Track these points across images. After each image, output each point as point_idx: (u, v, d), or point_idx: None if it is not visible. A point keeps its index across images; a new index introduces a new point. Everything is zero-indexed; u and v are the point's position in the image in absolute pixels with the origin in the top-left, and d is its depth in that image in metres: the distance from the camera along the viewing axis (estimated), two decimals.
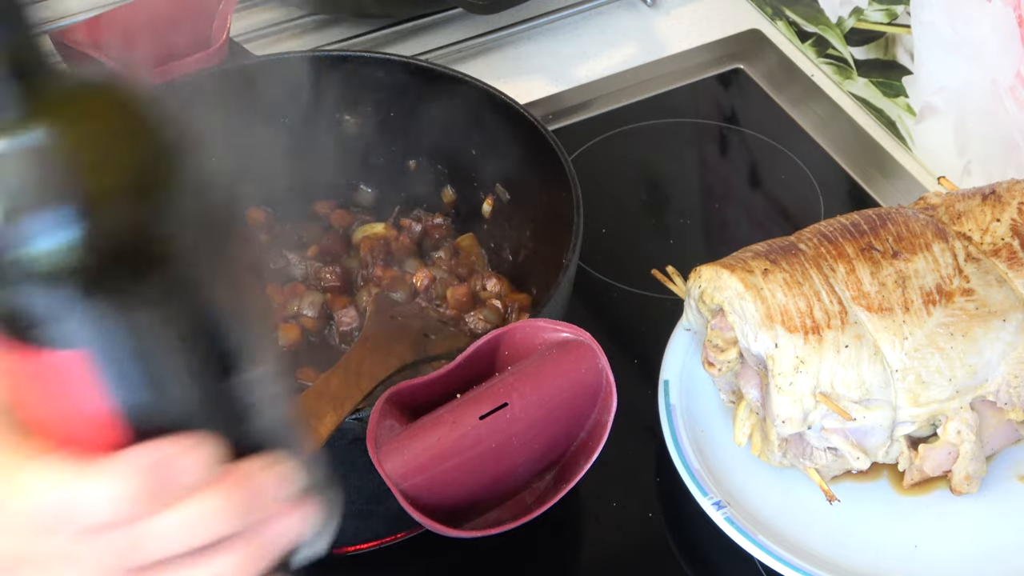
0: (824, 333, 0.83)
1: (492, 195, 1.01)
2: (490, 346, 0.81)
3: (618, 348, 0.97)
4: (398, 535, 0.88)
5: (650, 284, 0.98)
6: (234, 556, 0.50)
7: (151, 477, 0.48)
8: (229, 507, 0.49)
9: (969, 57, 1.05)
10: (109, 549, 0.48)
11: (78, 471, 0.48)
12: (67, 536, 0.49)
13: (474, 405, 0.78)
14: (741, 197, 1.14)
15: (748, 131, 1.18)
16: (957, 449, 0.85)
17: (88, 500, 0.48)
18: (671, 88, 1.21)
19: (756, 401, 0.87)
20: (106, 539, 0.48)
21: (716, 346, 0.87)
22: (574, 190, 0.89)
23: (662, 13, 1.28)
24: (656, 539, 0.90)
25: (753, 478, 0.89)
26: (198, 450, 0.49)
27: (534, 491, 0.84)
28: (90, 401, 0.48)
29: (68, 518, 0.48)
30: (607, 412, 0.82)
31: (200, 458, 0.49)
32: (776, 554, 0.84)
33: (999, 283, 0.86)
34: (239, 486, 0.50)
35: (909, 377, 0.84)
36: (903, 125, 1.15)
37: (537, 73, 1.23)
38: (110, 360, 0.47)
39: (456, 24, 1.24)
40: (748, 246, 0.90)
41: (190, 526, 0.49)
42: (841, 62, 1.19)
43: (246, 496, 0.50)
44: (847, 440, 0.85)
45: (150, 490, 0.48)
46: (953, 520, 0.88)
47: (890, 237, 0.87)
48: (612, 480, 0.91)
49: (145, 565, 0.49)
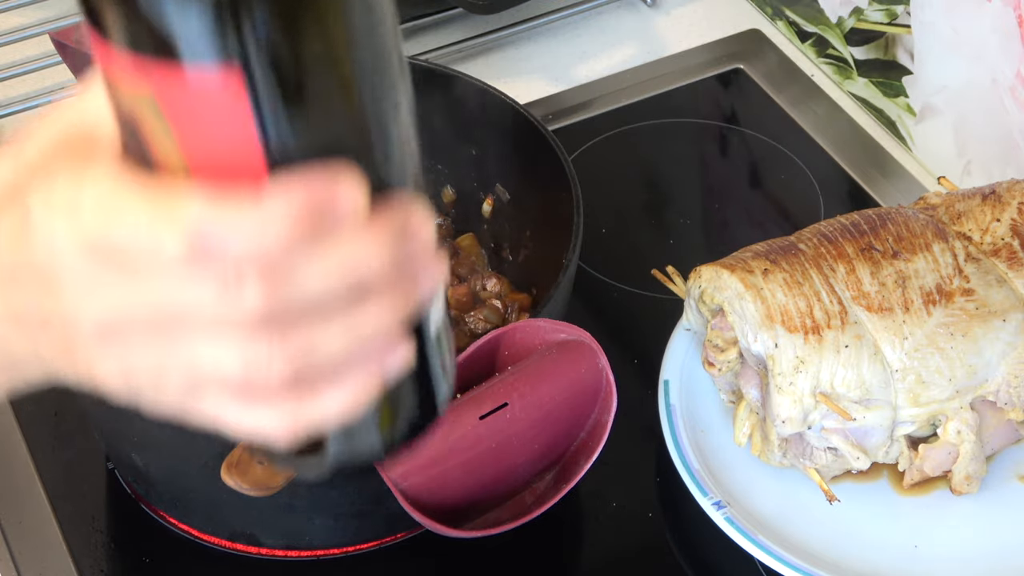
0: (824, 333, 0.83)
1: (492, 195, 1.01)
2: (490, 346, 0.81)
3: (618, 348, 0.97)
4: (398, 535, 0.88)
5: (650, 284, 0.98)
6: (381, 303, 0.46)
7: (308, 209, 0.43)
8: (382, 249, 0.45)
9: (969, 57, 1.05)
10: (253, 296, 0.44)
11: (230, 202, 0.43)
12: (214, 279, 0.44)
13: (474, 405, 0.78)
14: (741, 197, 1.14)
15: (748, 131, 1.18)
16: (957, 449, 0.85)
17: (243, 233, 0.43)
18: (671, 88, 1.21)
19: (756, 401, 0.87)
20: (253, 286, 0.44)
21: (716, 346, 0.87)
22: (574, 190, 0.89)
23: (662, 13, 1.28)
24: (656, 539, 0.90)
25: (753, 478, 0.89)
26: (352, 186, 0.44)
27: (534, 491, 0.84)
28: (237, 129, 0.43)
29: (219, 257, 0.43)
30: (607, 412, 0.82)
31: (354, 195, 0.44)
32: (776, 554, 0.84)
33: (999, 283, 0.86)
34: (391, 229, 0.45)
35: (909, 377, 0.84)
36: (903, 125, 1.15)
37: (537, 73, 1.23)
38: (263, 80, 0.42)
39: (456, 24, 1.24)
40: (748, 246, 0.90)
41: (342, 265, 0.45)
42: (841, 62, 1.19)
43: (398, 240, 0.46)
44: (847, 440, 0.85)
45: (306, 224, 0.43)
46: (953, 520, 0.88)
47: (890, 237, 0.87)
48: (612, 480, 0.91)
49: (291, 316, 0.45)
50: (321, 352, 0.46)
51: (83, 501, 0.91)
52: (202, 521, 0.88)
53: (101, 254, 0.45)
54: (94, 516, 0.91)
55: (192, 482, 0.84)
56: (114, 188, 0.45)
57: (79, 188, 0.45)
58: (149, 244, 0.44)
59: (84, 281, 0.46)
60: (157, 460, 0.85)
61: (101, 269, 0.45)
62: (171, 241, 0.43)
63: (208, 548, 0.88)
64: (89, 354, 0.47)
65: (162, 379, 0.47)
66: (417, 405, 0.52)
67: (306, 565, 0.87)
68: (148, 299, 0.45)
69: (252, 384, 0.46)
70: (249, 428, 0.47)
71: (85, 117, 0.48)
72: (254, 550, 0.87)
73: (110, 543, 0.90)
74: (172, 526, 0.89)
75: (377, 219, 0.45)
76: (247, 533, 0.87)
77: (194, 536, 0.89)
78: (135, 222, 0.44)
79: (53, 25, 1.19)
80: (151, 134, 0.45)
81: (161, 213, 0.44)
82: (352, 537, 0.87)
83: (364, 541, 0.88)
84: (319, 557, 0.87)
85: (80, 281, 0.46)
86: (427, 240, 0.47)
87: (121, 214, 0.44)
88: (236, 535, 0.87)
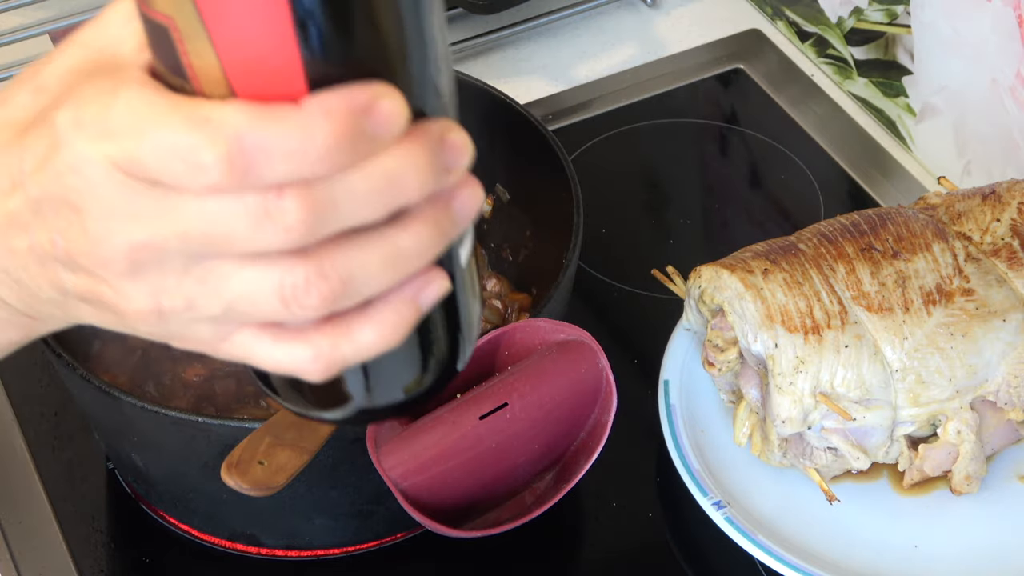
0: (824, 333, 0.83)
1: (492, 195, 1.01)
2: (490, 346, 0.81)
3: (618, 348, 0.97)
4: (398, 535, 0.88)
5: (650, 284, 0.98)
6: (420, 228, 0.44)
7: (349, 123, 0.41)
8: (423, 165, 0.43)
9: (969, 57, 1.05)
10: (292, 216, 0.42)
11: (270, 114, 0.41)
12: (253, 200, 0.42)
13: (474, 405, 0.78)
14: (741, 197, 1.14)
15: (748, 131, 1.18)
16: (957, 449, 0.85)
17: (283, 148, 0.41)
18: (671, 88, 1.21)
19: (756, 401, 0.87)
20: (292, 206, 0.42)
21: (716, 346, 0.87)
22: (574, 190, 0.89)
23: (662, 13, 1.28)
24: (656, 539, 0.90)
25: (753, 478, 0.89)
26: (392, 101, 0.42)
27: (534, 491, 0.84)
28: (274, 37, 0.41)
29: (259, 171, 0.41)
30: (607, 412, 0.82)
31: (395, 109, 0.42)
32: (776, 554, 0.84)
33: (999, 283, 0.86)
34: (431, 145, 0.44)
35: (909, 377, 0.84)
36: (903, 125, 1.15)
37: (537, 73, 1.23)
38: None
39: (456, 24, 1.24)
40: (748, 246, 0.90)
41: (383, 183, 0.43)
42: (841, 62, 1.19)
43: (438, 158, 0.44)
44: (847, 440, 0.85)
45: (347, 138, 0.42)
46: (953, 520, 0.88)
47: (890, 237, 0.87)
48: (612, 480, 0.91)
49: (328, 239, 0.43)
50: (358, 281, 0.44)
51: (83, 501, 0.91)
52: (202, 521, 0.88)
53: (134, 176, 0.43)
54: (94, 516, 0.91)
55: (192, 482, 0.84)
56: (148, 105, 0.42)
57: (110, 106, 0.43)
58: (185, 160, 0.41)
59: (114, 206, 0.43)
60: (157, 460, 0.85)
61: (133, 192, 0.43)
62: (210, 158, 0.41)
63: (208, 548, 0.88)
64: (118, 288, 0.45)
65: (194, 313, 0.45)
66: (449, 343, 0.50)
67: (306, 565, 0.87)
68: (183, 224, 0.43)
69: (287, 315, 0.44)
70: (281, 363, 0.46)
71: (106, 42, 0.46)
72: (254, 550, 0.87)
73: (110, 543, 0.90)
74: (172, 526, 0.89)
75: (418, 135, 0.44)
76: (247, 533, 0.87)
77: (194, 536, 0.89)
78: (171, 139, 0.42)
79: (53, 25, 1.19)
80: (186, 46, 0.42)
81: (199, 128, 0.41)
82: (352, 537, 0.87)
83: (364, 541, 0.88)
84: (319, 557, 0.87)
85: (110, 206, 0.43)
86: (466, 162, 0.45)
87: (156, 131, 0.42)
88: (236, 535, 0.87)
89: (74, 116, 0.44)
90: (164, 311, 0.45)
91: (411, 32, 0.44)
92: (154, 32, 0.43)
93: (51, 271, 0.47)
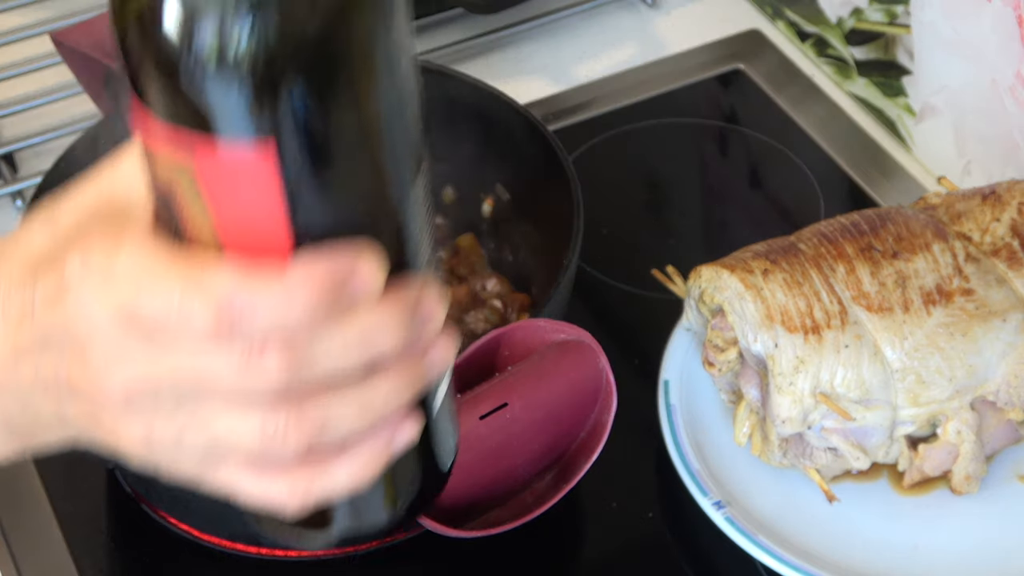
0: (824, 333, 0.83)
1: (492, 195, 1.01)
2: (490, 346, 0.81)
3: (618, 348, 0.97)
4: (398, 535, 0.88)
5: (650, 284, 0.98)
6: (393, 379, 0.49)
7: (329, 288, 0.46)
8: (397, 328, 0.48)
9: (969, 57, 1.05)
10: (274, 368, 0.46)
11: (256, 279, 0.46)
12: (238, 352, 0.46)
13: (474, 405, 0.78)
14: (741, 197, 1.14)
15: (748, 131, 1.18)
16: (957, 449, 0.85)
17: (267, 309, 0.45)
18: (671, 88, 1.21)
19: (756, 401, 0.87)
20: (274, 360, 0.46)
21: (716, 346, 0.87)
22: (574, 190, 0.89)
23: (662, 13, 1.28)
24: (656, 539, 0.90)
25: (753, 478, 0.89)
26: (370, 264, 0.47)
27: (534, 491, 0.84)
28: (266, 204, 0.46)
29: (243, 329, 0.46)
30: (607, 412, 0.82)
31: (375, 273, 0.47)
32: (776, 554, 0.84)
33: (999, 283, 0.86)
34: (406, 308, 0.48)
35: (909, 377, 0.84)
36: (903, 125, 1.15)
37: (537, 73, 1.23)
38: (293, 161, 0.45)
39: (456, 24, 1.24)
40: (748, 246, 0.90)
41: (359, 341, 0.47)
42: (841, 62, 1.19)
43: (412, 319, 0.48)
44: (847, 440, 0.85)
45: (326, 302, 0.46)
46: (953, 520, 0.88)
47: (890, 237, 0.87)
48: (612, 480, 0.91)
49: (307, 390, 0.47)
50: (334, 426, 0.48)
51: (83, 501, 0.91)
52: (202, 521, 0.88)
53: (132, 323, 0.47)
54: (94, 516, 0.91)
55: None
56: (147, 259, 0.47)
57: (114, 258, 0.48)
58: (179, 316, 0.46)
59: (114, 348, 0.48)
60: None
61: (131, 337, 0.47)
62: (200, 314, 0.46)
63: (208, 548, 0.88)
64: (114, 420, 0.50)
65: (182, 447, 0.49)
66: (422, 478, 0.55)
67: (306, 565, 0.87)
68: (175, 369, 0.47)
69: (267, 455, 0.48)
70: (261, 497, 0.50)
71: (118, 186, 0.51)
72: (254, 550, 0.87)
73: (110, 543, 0.90)
74: (172, 526, 0.89)
75: (393, 297, 0.48)
76: (247, 533, 0.87)
77: (194, 536, 0.89)
78: (167, 294, 0.46)
79: (53, 25, 1.19)
80: (185, 204, 0.47)
81: (191, 287, 0.46)
82: None
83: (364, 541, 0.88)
84: (319, 557, 0.87)
85: (110, 348, 0.48)
86: (439, 319, 0.50)
87: (153, 286, 0.47)
88: (236, 535, 0.87)
89: (82, 263, 0.48)
90: (155, 442, 0.49)
91: (395, 202, 0.48)
92: (156, 187, 0.48)
93: (54, 398, 0.51)
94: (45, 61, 1.18)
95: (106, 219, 0.50)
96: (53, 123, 1.14)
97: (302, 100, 0.44)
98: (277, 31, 0.43)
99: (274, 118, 0.44)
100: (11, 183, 1.10)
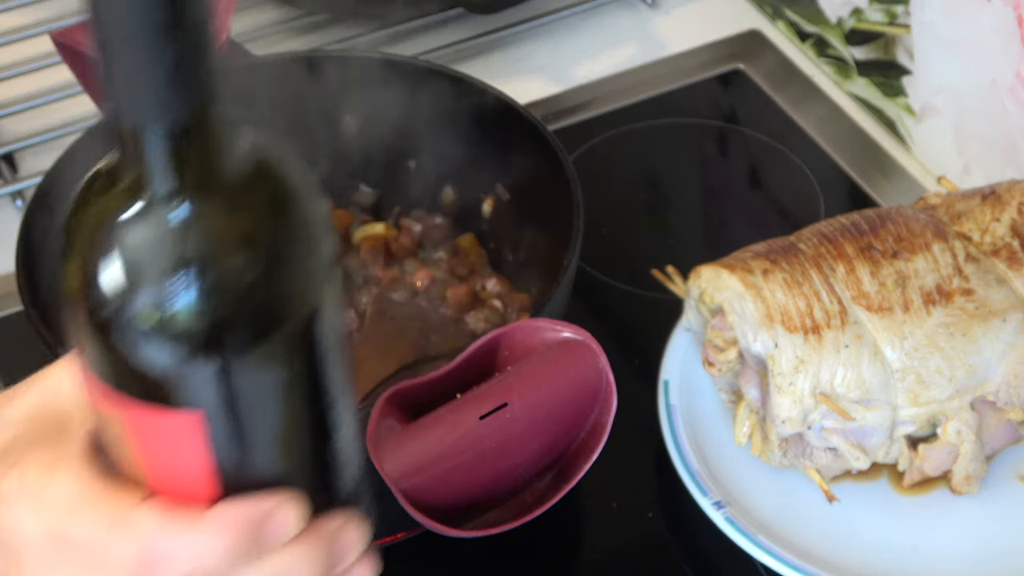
0: (824, 333, 0.83)
1: (492, 195, 1.01)
2: (490, 346, 0.81)
3: (618, 348, 0.97)
4: (398, 535, 0.88)
5: (650, 284, 0.98)
6: None
7: (246, 532, 0.49)
8: (314, 564, 0.51)
9: (969, 57, 1.05)
10: None
11: (177, 522, 0.49)
12: None
13: (474, 405, 0.78)
14: (741, 197, 1.14)
15: (748, 131, 1.18)
16: (957, 449, 0.85)
17: (186, 551, 0.49)
18: (671, 88, 1.21)
19: (756, 401, 0.87)
20: None
21: (716, 346, 0.87)
22: (574, 190, 0.89)
23: (662, 13, 1.28)
24: (656, 539, 0.90)
25: (753, 478, 0.89)
26: (290, 508, 0.50)
27: (534, 491, 0.84)
28: (193, 458, 0.49)
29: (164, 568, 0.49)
30: (607, 412, 0.82)
31: (291, 516, 0.50)
32: (776, 554, 0.84)
33: (999, 283, 0.86)
34: (324, 543, 0.51)
35: (909, 377, 0.84)
36: (903, 125, 1.15)
37: (537, 73, 1.23)
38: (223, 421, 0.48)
39: (456, 24, 1.24)
40: (748, 246, 0.90)
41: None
42: (841, 62, 1.19)
43: (329, 553, 0.52)
44: (847, 440, 0.85)
45: (244, 544, 0.49)
46: (953, 520, 0.88)
47: (890, 237, 0.87)
48: (612, 480, 0.91)
49: None
50: None
51: None
52: None
53: (61, 544, 0.50)
54: None
55: None
56: (78, 489, 0.51)
57: (48, 482, 0.51)
58: (104, 546, 0.50)
59: (44, 563, 0.51)
60: None
61: (59, 556, 0.51)
62: (123, 548, 0.49)
63: None
64: None
65: None
66: None
67: None
68: None
69: None
70: None
71: (59, 396, 0.54)
72: None
73: None
74: None
75: (312, 533, 0.51)
76: None
77: None
78: (94, 525, 0.50)
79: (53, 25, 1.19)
80: (117, 446, 0.50)
81: (117, 522, 0.50)
82: None
83: None
84: None
85: (40, 562, 0.51)
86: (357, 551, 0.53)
87: (82, 515, 0.50)
88: None
89: (19, 481, 0.51)
90: None
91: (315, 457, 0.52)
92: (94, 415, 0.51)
93: None
94: (45, 61, 1.18)
95: (45, 430, 0.53)
96: (53, 123, 1.14)
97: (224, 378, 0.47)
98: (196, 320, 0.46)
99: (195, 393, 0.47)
100: (11, 183, 1.10)
